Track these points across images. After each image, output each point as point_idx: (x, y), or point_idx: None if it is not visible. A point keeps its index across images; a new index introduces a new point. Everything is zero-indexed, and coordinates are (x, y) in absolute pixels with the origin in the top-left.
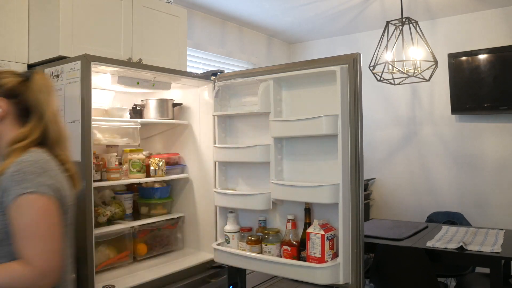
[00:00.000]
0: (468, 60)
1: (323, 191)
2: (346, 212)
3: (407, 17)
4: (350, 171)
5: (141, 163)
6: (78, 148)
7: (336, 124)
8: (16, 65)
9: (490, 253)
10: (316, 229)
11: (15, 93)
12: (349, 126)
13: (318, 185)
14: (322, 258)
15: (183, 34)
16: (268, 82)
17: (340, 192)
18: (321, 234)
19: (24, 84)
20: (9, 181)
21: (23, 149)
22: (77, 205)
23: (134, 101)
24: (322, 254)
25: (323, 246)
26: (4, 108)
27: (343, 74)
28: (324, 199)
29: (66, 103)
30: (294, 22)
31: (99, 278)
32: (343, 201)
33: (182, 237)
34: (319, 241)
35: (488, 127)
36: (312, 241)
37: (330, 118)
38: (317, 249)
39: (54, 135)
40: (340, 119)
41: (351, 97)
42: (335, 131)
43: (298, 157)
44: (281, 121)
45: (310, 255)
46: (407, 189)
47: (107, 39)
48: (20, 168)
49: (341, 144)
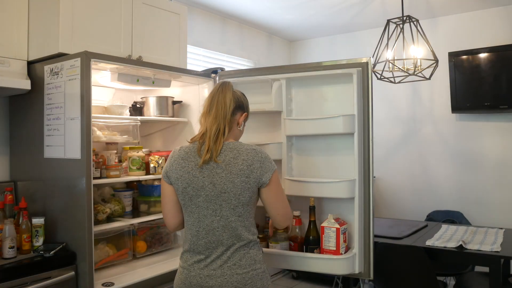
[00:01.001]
0: (468, 59)
1: (341, 186)
2: (361, 206)
3: (408, 15)
4: (363, 167)
5: (141, 161)
6: (78, 145)
7: (353, 123)
8: (15, 62)
9: (489, 252)
10: (331, 223)
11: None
12: (362, 125)
13: (337, 181)
14: (337, 250)
15: (183, 31)
16: (280, 81)
17: (356, 187)
18: (337, 228)
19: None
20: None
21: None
22: (77, 202)
23: (134, 99)
24: (337, 246)
25: (338, 239)
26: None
27: (358, 76)
28: (343, 194)
29: (65, 100)
30: (295, 20)
31: (99, 275)
32: (358, 196)
33: (182, 235)
34: (334, 235)
35: (488, 126)
36: (326, 235)
37: (347, 118)
38: (332, 242)
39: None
40: (356, 119)
41: (365, 98)
42: (352, 130)
43: (307, 154)
44: (298, 119)
45: (325, 248)
46: (407, 188)
47: (107, 36)
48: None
49: (357, 142)
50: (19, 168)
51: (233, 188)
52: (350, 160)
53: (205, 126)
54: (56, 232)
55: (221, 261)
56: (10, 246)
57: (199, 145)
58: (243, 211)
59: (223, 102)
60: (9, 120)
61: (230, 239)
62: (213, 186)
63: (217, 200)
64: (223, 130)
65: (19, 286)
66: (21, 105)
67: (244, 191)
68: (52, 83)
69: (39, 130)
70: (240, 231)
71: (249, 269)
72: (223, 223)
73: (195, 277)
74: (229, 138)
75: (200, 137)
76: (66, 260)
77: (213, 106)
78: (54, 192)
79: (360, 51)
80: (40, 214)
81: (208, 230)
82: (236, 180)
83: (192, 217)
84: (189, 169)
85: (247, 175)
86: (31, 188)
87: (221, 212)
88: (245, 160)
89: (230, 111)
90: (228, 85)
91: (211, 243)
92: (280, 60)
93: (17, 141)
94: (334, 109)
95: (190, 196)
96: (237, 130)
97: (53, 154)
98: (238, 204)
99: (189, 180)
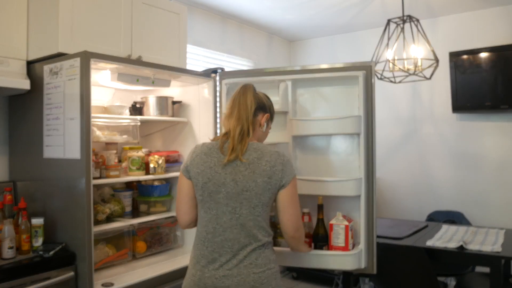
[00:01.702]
0: (469, 58)
1: (349, 184)
2: (366, 204)
3: (408, 15)
4: (368, 166)
5: (141, 161)
6: (77, 145)
7: (359, 124)
8: (15, 62)
9: (490, 252)
10: (339, 220)
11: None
12: (367, 126)
13: (345, 180)
14: (346, 247)
15: (183, 31)
16: (286, 82)
17: (363, 185)
18: (345, 225)
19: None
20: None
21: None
22: (76, 202)
23: (134, 99)
24: (346, 243)
25: (347, 236)
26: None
27: (364, 79)
28: (351, 192)
29: (65, 100)
30: (295, 20)
31: (98, 275)
32: (364, 194)
33: (182, 235)
34: (343, 231)
35: (488, 126)
36: (335, 232)
37: (354, 119)
38: (341, 239)
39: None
40: (363, 120)
41: (368, 100)
42: (358, 131)
43: (311, 154)
44: (305, 120)
45: (333, 245)
46: (407, 188)
47: (107, 36)
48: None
49: (363, 142)
50: (19, 168)
51: (255, 188)
52: (352, 160)
53: (228, 127)
54: (55, 232)
55: (237, 260)
56: (9, 247)
57: (221, 142)
58: (262, 211)
59: (245, 103)
60: (9, 120)
61: (246, 238)
62: (235, 183)
63: (238, 198)
64: (247, 131)
65: (18, 286)
66: (21, 105)
67: (265, 191)
68: (52, 83)
69: (38, 130)
70: (257, 231)
71: (265, 268)
72: (241, 222)
73: (210, 278)
74: (253, 139)
75: (222, 135)
76: (66, 260)
77: (235, 107)
78: (54, 192)
79: (360, 51)
80: (40, 214)
81: (225, 228)
82: (259, 180)
83: (210, 214)
84: (212, 165)
85: (269, 176)
86: (30, 188)
87: (240, 210)
88: (269, 162)
89: (252, 112)
90: (250, 87)
91: (227, 241)
92: (280, 60)
93: (16, 141)
94: (337, 110)
95: (210, 191)
96: (259, 131)
97: (52, 154)
98: (259, 204)
99: (210, 175)
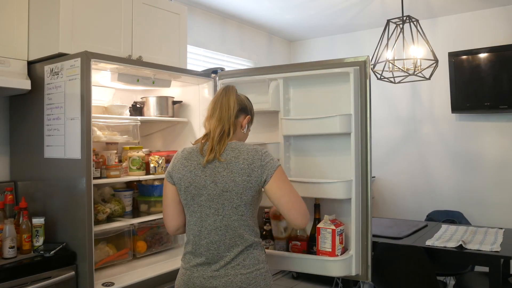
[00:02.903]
0: (468, 59)
1: (337, 187)
2: (358, 207)
3: (408, 15)
4: (360, 168)
5: (141, 161)
6: (78, 145)
7: (349, 123)
8: (16, 62)
9: (489, 252)
10: (327, 224)
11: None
12: (360, 125)
13: (332, 181)
14: (333, 252)
15: (183, 31)
16: (277, 81)
17: (353, 188)
18: (332, 229)
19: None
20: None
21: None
22: (77, 202)
23: (134, 99)
24: (333, 248)
25: (334, 241)
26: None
27: (355, 75)
28: (339, 195)
29: (65, 100)
30: (295, 20)
31: (99, 275)
32: (355, 197)
33: (182, 235)
34: (330, 236)
35: (488, 126)
36: (322, 236)
37: (344, 118)
38: (328, 244)
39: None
40: (353, 119)
41: (362, 97)
42: (348, 130)
43: (304, 154)
44: (295, 119)
45: (320, 250)
46: (407, 188)
47: (107, 36)
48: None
49: (354, 142)
50: (19, 168)
51: (235, 187)
52: (348, 161)
53: (208, 128)
54: (56, 232)
55: (224, 261)
56: (10, 246)
57: (201, 145)
58: (246, 211)
59: (227, 104)
60: (9, 120)
61: (232, 239)
62: (215, 185)
63: (219, 199)
64: (228, 131)
65: (19, 286)
66: (21, 105)
67: (246, 190)
68: (52, 83)
69: (39, 130)
70: (243, 231)
71: (253, 269)
72: (225, 223)
73: (198, 278)
74: (233, 140)
75: (202, 138)
76: (66, 260)
77: (217, 109)
78: (54, 192)
79: (360, 51)
80: (40, 214)
81: (210, 230)
82: (238, 179)
83: (194, 217)
84: (192, 168)
85: (248, 174)
86: (31, 188)
87: (223, 211)
88: (246, 159)
89: (234, 114)
90: (232, 89)
91: (213, 243)
92: (280, 60)
93: (17, 141)
94: (332, 109)
95: (193, 195)
96: (241, 133)
97: (53, 154)
98: (241, 204)
99: (191, 179)
